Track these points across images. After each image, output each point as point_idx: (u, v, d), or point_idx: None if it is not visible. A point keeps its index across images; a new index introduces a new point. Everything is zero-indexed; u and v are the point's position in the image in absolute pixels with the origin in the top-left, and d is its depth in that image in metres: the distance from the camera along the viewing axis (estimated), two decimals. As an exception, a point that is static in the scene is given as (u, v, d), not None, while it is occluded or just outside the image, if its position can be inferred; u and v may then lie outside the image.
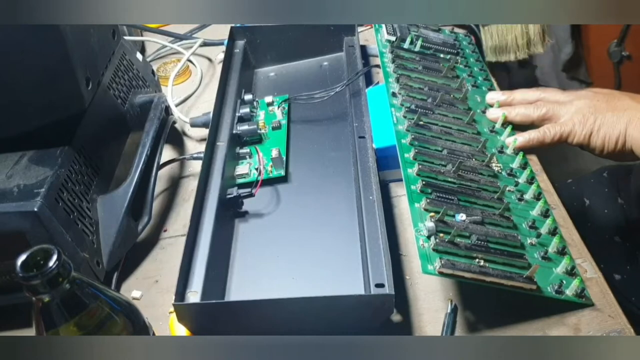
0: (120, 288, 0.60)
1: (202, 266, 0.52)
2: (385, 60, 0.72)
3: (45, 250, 0.39)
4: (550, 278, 0.51)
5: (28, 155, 0.56)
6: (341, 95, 0.74)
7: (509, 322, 0.51)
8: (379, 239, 0.52)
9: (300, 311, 0.48)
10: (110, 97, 0.65)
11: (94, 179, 0.60)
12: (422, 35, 0.78)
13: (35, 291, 0.38)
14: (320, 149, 0.71)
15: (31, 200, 0.50)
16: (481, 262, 0.49)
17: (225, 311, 0.50)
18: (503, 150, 0.63)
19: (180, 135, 0.80)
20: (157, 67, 0.93)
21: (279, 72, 0.86)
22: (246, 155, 0.68)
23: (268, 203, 0.65)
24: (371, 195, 0.57)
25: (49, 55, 0.53)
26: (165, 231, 0.66)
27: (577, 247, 0.56)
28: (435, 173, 0.55)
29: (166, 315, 0.55)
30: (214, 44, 0.97)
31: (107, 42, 0.66)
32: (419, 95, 0.66)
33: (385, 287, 0.48)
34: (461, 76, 0.72)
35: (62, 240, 0.52)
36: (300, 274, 0.56)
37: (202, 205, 0.58)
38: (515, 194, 0.57)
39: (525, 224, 0.55)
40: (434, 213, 0.51)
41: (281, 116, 0.74)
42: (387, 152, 0.62)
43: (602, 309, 0.50)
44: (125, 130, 0.69)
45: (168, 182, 0.73)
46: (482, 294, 0.51)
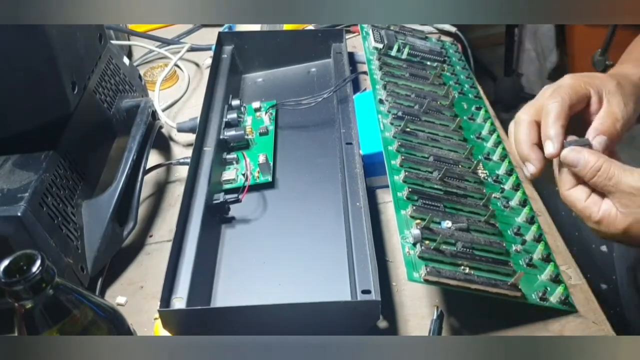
0: (105, 294, 0.60)
1: (188, 272, 0.52)
2: (372, 67, 0.72)
3: (29, 255, 0.38)
4: (535, 285, 0.51)
5: (12, 159, 0.55)
6: (329, 101, 0.74)
7: (494, 328, 0.51)
8: (365, 246, 0.52)
9: (287, 317, 0.48)
10: (96, 102, 0.65)
11: (79, 183, 0.59)
12: (409, 43, 0.78)
13: (17, 297, 0.38)
14: (308, 155, 0.71)
15: (14, 205, 0.50)
16: (466, 270, 0.49)
17: (211, 317, 0.49)
18: (489, 157, 0.63)
19: (166, 140, 0.80)
20: (144, 72, 0.93)
21: (266, 78, 0.86)
22: (233, 160, 0.68)
23: (255, 209, 0.64)
24: (358, 201, 0.57)
25: (34, 59, 0.52)
26: (151, 237, 0.66)
27: (562, 254, 0.56)
28: (421, 180, 0.56)
29: (151, 322, 0.55)
30: (201, 49, 0.97)
31: (93, 46, 0.65)
32: (406, 102, 0.66)
33: (371, 293, 0.48)
34: (448, 83, 0.72)
35: (45, 245, 0.51)
36: (286, 280, 0.56)
37: (188, 211, 0.58)
38: (501, 201, 0.58)
39: (510, 230, 0.55)
40: (420, 220, 0.51)
41: (268, 122, 0.74)
42: (374, 159, 0.62)
43: (586, 315, 0.51)
44: (111, 134, 0.68)
45: (154, 187, 0.72)
46: (468, 301, 0.51)
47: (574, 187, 0.48)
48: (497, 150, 0.63)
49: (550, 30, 1.72)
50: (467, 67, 0.81)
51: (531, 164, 0.50)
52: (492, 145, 0.64)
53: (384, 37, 0.77)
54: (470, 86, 0.75)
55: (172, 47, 0.97)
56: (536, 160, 0.50)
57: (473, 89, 0.75)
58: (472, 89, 0.75)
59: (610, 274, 0.72)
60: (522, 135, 0.51)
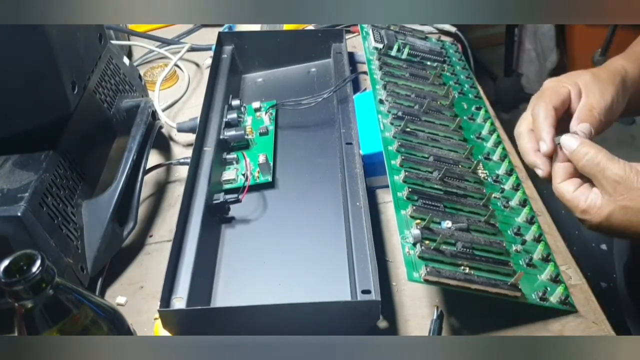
0: (105, 294, 0.60)
1: (188, 272, 0.52)
2: (372, 67, 0.72)
3: (29, 255, 0.38)
4: (535, 285, 0.51)
5: (12, 159, 0.55)
6: (329, 101, 0.74)
7: (494, 328, 0.51)
8: (365, 246, 0.52)
9: (286, 317, 0.48)
10: (96, 102, 0.65)
11: (79, 183, 0.59)
12: (409, 43, 0.78)
13: (17, 297, 0.38)
14: (308, 155, 0.71)
15: (15, 205, 0.50)
16: (466, 270, 0.49)
17: (211, 317, 0.49)
18: (489, 157, 0.63)
19: (166, 140, 0.80)
20: (144, 72, 0.93)
21: (266, 78, 0.86)
22: (233, 160, 0.68)
23: (255, 209, 0.64)
24: (358, 201, 0.57)
25: (34, 59, 0.52)
26: (151, 237, 0.66)
27: (562, 254, 0.56)
28: (421, 180, 0.56)
29: (151, 322, 0.55)
30: (201, 49, 0.97)
31: (93, 46, 0.65)
32: (406, 102, 0.66)
33: (371, 293, 0.48)
34: (448, 83, 0.72)
35: (45, 245, 0.51)
36: (286, 280, 0.56)
37: (189, 211, 0.58)
38: (501, 201, 0.58)
39: (510, 230, 0.55)
40: (420, 220, 0.51)
41: (268, 122, 0.74)
42: (374, 159, 0.62)
43: (586, 315, 0.51)
44: (111, 134, 0.68)
45: (154, 187, 0.72)
46: (468, 301, 0.51)
47: (565, 180, 0.51)
48: (497, 150, 0.63)
49: (550, 30, 1.72)
50: (467, 67, 0.81)
51: (539, 168, 0.53)
52: (492, 145, 0.64)
53: (384, 37, 0.77)
54: (470, 86, 0.75)
55: (172, 47, 0.97)
56: (541, 164, 0.53)
57: (473, 89, 0.75)
58: (472, 89, 0.75)
59: (610, 272, 0.72)
60: (524, 145, 0.55)
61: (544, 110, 0.53)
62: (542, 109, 0.53)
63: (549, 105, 0.53)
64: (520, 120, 0.56)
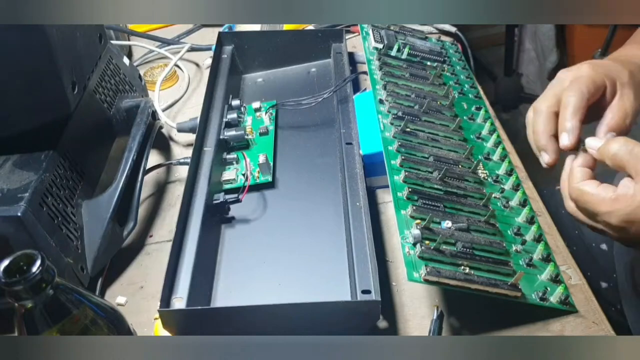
0: (105, 294, 0.60)
1: (188, 272, 0.52)
2: (372, 67, 0.72)
3: (29, 255, 0.38)
4: (535, 285, 0.51)
5: (12, 159, 0.55)
6: (329, 101, 0.74)
7: (494, 328, 0.51)
8: (365, 246, 0.52)
9: (286, 317, 0.48)
10: (96, 102, 0.65)
11: (79, 183, 0.59)
12: (409, 43, 0.78)
13: (17, 297, 0.38)
14: (308, 155, 0.71)
15: (15, 205, 0.50)
16: (466, 270, 0.49)
17: (211, 317, 0.49)
18: (489, 157, 0.63)
19: (166, 140, 0.80)
20: (144, 72, 0.93)
21: (266, 78, 0.86)
22: (233, 160, 0.68)
23: (255, 209, 0.64)
24: (358, 201, 0.57)
25: (34, 59, 0.52)
26: (151, 237, 0.66)
27: (562, 254, 0.56)
28: (421, 180, 0.56)
29: (151, 322, 0.55)
30: (201, 49, 0.96)
31: (93, 46, 0.65)
32: (406, 102, 0.66)
33: (371, 293, 0.48)
34: (448, 84, 0.72)
35: (46, 245, 0.51)
36: (286, 280, 0.56)
37: (189, 211, 0.58)
38: (501, 201, 0.58)
39: (510, 230, 0.55)
40: (420, 220, 0.51)
41: (268, 122, 0.74)
42: (374, 159, 0.62)
43: (586, 315, 0.51)
44: (111, 134, 0.68)
45: (154, 187, 0.72)
46: (468, 301, 0.51)
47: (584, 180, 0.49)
48: (497, 150, 0.63)
49: (550, 30, 1.72)
50: (467, 67, 0.81)
51: (547, 154, 0.51)
52: (492, 145, 0.64)
53: (384, 37, 0.77)
54: (470, 86, 0.75)
55: (172, 47, 0.97)
56: (552, 151, 0.51)
57: (473, 89, 0.75)
58: (472, 89, 0.75)
59: (611, 272, 0.72)
60: (540, 125, 0.52)
61: (578, 101, 0.49)
62: (577, 99, 0.49)
63: (584, 96, 0.49)
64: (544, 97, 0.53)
